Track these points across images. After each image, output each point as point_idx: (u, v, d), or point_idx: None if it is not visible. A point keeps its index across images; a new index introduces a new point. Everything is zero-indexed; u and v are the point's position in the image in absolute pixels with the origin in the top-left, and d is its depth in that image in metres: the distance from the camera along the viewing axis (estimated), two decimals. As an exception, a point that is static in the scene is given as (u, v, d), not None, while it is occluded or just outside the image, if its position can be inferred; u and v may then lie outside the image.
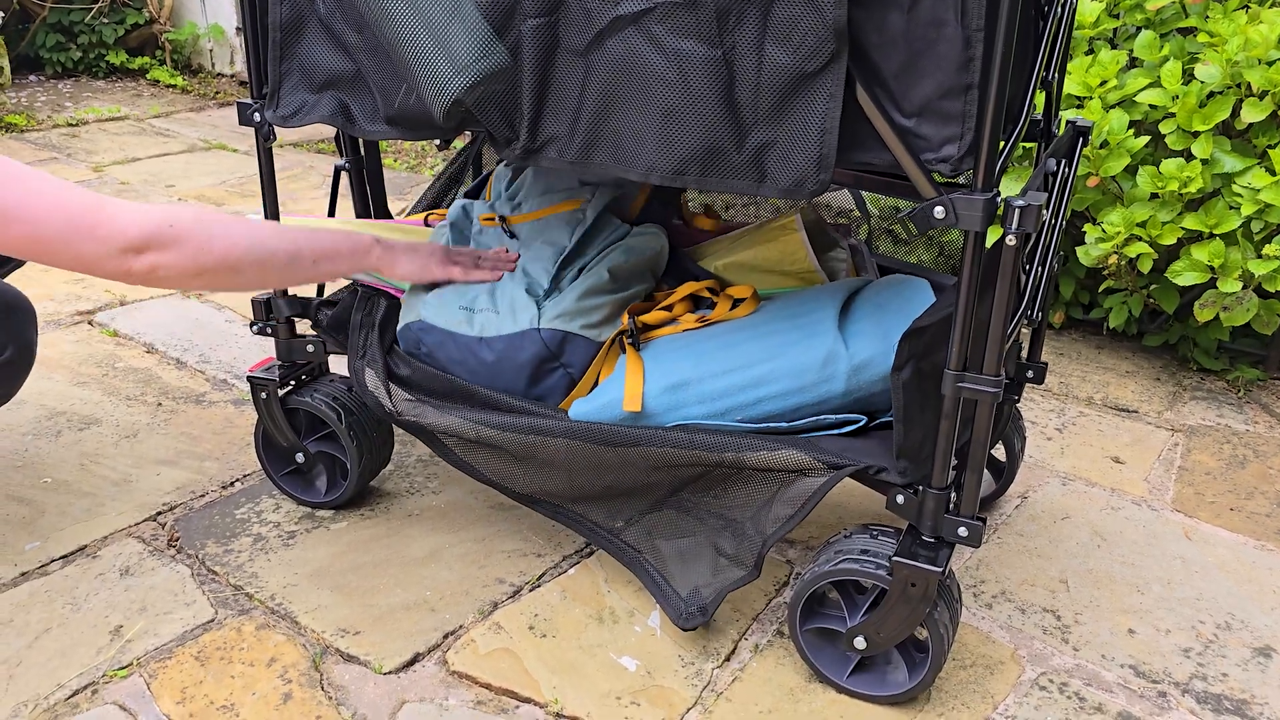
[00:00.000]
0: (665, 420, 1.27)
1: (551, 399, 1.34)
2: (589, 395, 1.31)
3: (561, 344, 1.32)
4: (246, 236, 1.20)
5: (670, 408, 1.27)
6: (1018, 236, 1.02)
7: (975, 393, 1.08)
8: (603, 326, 1.35)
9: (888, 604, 1.15)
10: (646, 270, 1.43)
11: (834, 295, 1.32)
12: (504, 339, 1.32)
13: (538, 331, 1.31)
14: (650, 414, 1.27)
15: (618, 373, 1.31)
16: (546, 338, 1.31)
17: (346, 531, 1.51)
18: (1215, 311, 1.91)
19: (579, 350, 1.33)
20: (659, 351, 1.32)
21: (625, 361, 1.31)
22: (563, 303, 1.34)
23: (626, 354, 1.31)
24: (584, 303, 1.34)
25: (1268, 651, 1.34)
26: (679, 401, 1.27)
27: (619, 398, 1.27)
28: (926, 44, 0.97)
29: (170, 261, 1.13)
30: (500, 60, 1.12)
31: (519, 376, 1.33)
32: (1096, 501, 1.66)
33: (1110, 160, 1.93)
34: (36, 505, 1.55)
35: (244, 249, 1.19)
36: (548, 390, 1.34)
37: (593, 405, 1.29)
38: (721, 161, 1.07)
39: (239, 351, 2.09)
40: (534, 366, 1.32)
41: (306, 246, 1.25)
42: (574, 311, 1.33)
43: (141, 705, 1.18)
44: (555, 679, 1.25)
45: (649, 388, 1.28)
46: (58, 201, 1.08)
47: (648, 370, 1.29)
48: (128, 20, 4.61)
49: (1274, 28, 1.81)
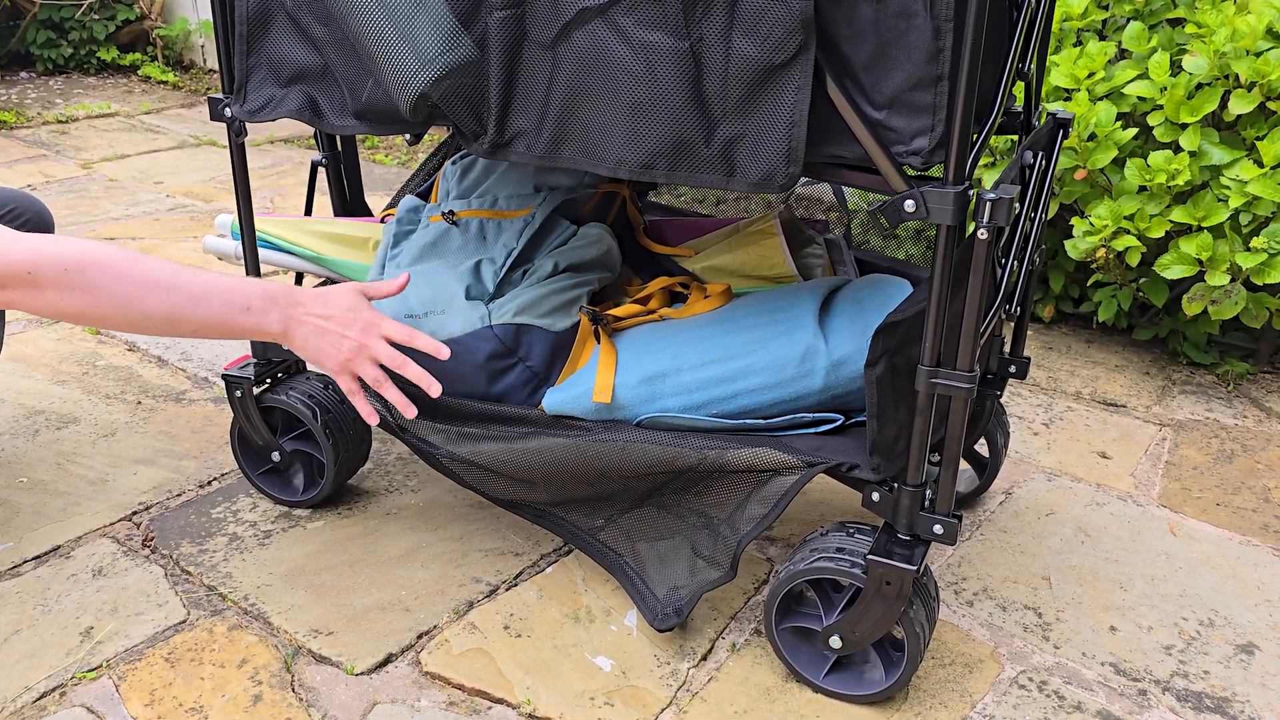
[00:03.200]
0: (641, 412, 1.26)
1: (514, 397, 1.33)
2: (562, 384, 1.30)
3: (516, 337, 1.30)
4: (115, 296, 1.08)
5: (646, 399, 1.26)
6: (989, 230, 1.00)
7: (949, 388, 1.06)
8: (556, 316, 1.33)
9: (863, 602, 1.14)
10: (596, 264, 1.42)
11: (814, 292, 1.31)
12: (457, 342, 1.31)
13: (490, 329, 1.29)
14: (625, 405, 1.26)
15: (591, 362, 1.30)
16: (500, 333, 1.29)
17: (323, 530, 1.50)
18: (1204, 305, 1.89)
19: (536, 342, 1.31)
20: (636, 342, 1.30)
21: (599, 351, 1.30)
22: (513, 299, 1.32)
23: (601, 344, 1.30)
24: (533, 293, 1.33)
25: (1250, 648, 1.33)
26: (655, 393, 1.25)
27: (592, 388, 1.26)
28: (896, 35, 0.96)
29: (19, 300, 1.07)
30: (466, 53, 1.10)
31: (477, 377, 1.31)
32: (1082, 497, 1.65)
33: (1098, 153, 1.91)
34: (11, 505, 1.54)
35: (108, 310, 1.09)
36: (509, 388, 1.32)
37: (566, 395, 1.28)
38: (690, 155, 1.05)
39: (220, 349, 2.08)
40: (491, 365, 1.30)
41: (189, 317, 1.12)
42: (525, 305, 1.32)
43: (110, 707, 1.17)
44: (529, 679, 1.23)
45: (625, 378, 1.26)
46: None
47: (624, 361, 1.28)
48: (119, 16, 4.59)
49: (1262, 19, 1.80)
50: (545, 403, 1.29)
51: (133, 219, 2.82)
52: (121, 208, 2.91)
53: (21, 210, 1.47)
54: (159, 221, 2.80)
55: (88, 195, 3.01)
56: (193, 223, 2.80)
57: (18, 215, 1.47)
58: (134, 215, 2.85)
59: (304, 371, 1.55)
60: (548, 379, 1.33)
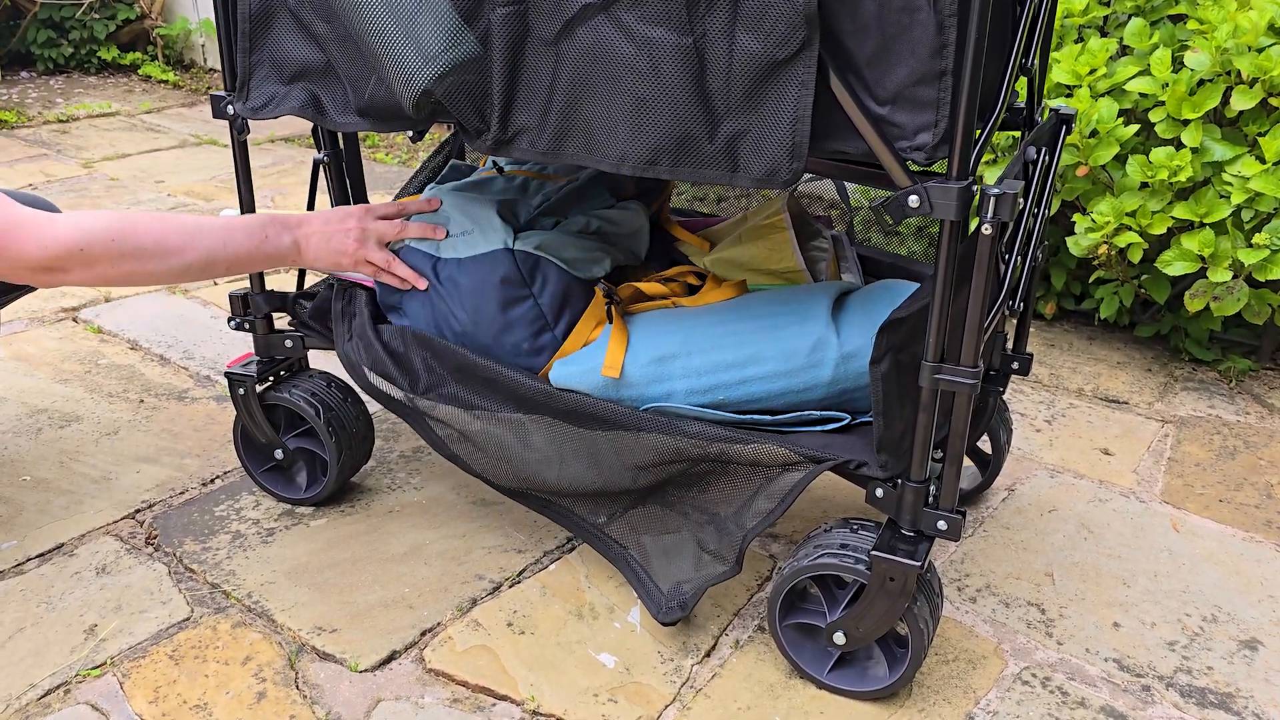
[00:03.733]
0: (648, 392, 1.26)
1: (519, 330, 1.31)
2: (571, 358, 1.30)
3: (533, 268, 1.31)
4: (158, 252, 1.18)
5: (654, 379, 1.26)
6: (994, 225, 1.00)
7: (953, 384, 1.06)
8: (575, 265, 1.34)
9: (867, 599, 1.14)
10: (626, 239, 1.43)
11: (826, 290, 1.31)
12: (478, 260, 1.32)
13: (510, 251, 1.31)
14: (633, 383, 1.26)
15: (601, 339, 1.30)
16: (519, 257, 1.31)
17: (326, 528, 1.50)
18: (1206, 301, 1.89)
19: (551, 279, 1.31)
20: (648, 323, 1.31)
21: (611, 329, 1.30)
22: (538, 235, 1.34)
23: (613, 321, 1.30)
24: (559, 237, 1.34)
25: (1254, 644, 1.33)
26: (664, 374, 1.26)
27: (601, 364, 1.26)
28: (899, 29, 0.95)
29: (76, 279, 1.15)
30: (470, 50, 1.10)
31: (490, 299, 1.31)
32: (1084, 494, 1.65)
33: (1100, 149, 1.91)
34: (15, 503, 1.54)
35: (152, 267, 1.18)
36: (515, 320, 1.31)
37: (575, 369, 1.28)
38: (694, 151, 1.05)
39: (223, 347, 2.08)
40: (504, 290, 1.31)
41: (222, 258, 1.24)
42: (548, 243, 1.33)
43: (114, 705, 1.17)
44: (533, 676, 1.23)
45: (635, 358, 1.26)
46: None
47: (634, 341, 1.28)
48: (119, 16, 4.59)
49: (1264, 14, 1.79)
50: (553, 375, 1.29)
51: (134, 218, 2.82)
52: (123, 207, 2.91)
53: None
54: (160, 220, 2.81)
55: (89, 194, 3.01)
56: (194, 222, 2.80)
57: None
58: (135, 214, 2.85)
59: (307, 369, 1.55)
60: (554, 325, 1.32)
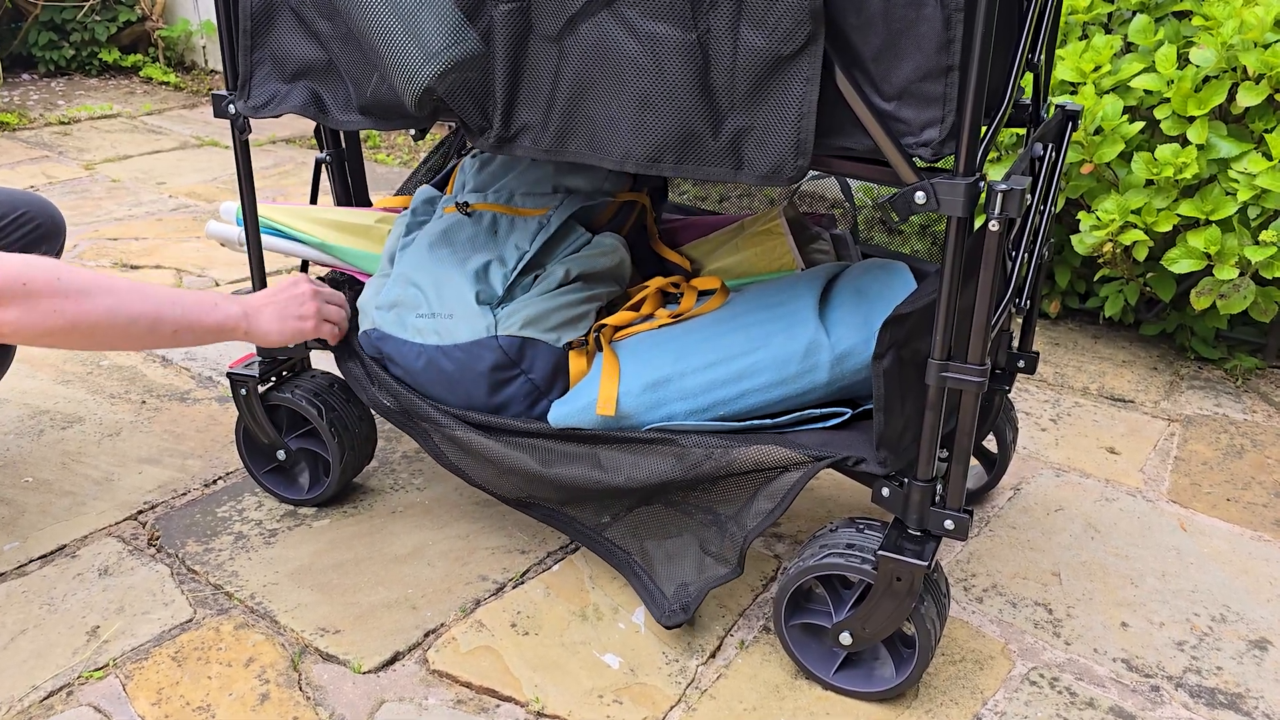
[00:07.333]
0: (647, 419, 1.25)
1: (514, 407, 1.32)
2: (566, 397, 1.29)
3: (521, 350, 1.29)
4: (106, 302, 1.13)
5: (652, 406, 1.24)
6: (1001, 222, 0.99)
7: (960, 383, 1.05)
8: (563, 330, 1.32)
9: (873, 599, 1.13)
10: (608, 275, 1.40)
11: (811, 283, 1.30)
12: (462, 348, 1.30)
13: (495, 339, 1.28)
14: (630, 414, 1.25)
15: (594, 372, 1.29)
16: (505, 344, 1.28)
17: (329, 529, 1.49)
18: (1212, 299, 1.88)
19: (540, 356, 1.30)
20: (637, 349, 1.29)
21: (602, 361, 1.28)
22: (520, 309, 1.31)
23: (604, 353, 1.29)
24: (542, 307, 1.31)
25: (1263, 644, 1.32)
26: (661, 399, 1.24)
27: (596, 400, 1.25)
28: (905, 25, 0.95)
29: (14, 319, 1.07)
30: (472, 47, 1.10)
31: (478, 386, 1.30)
32: (1091, 493, 1.64)
33: (1105, 146, 1.90)
34: (17, 505, 1.53)
35: (100, 314, 1.12)
36: (509, 399, 1.31)
37: (571, 408, 1.27)
38: (698, 147, 1.04)
39: (224, 348, 2.07)
40: (493, 376, 1.30)
41: (169, 316, 1.19)
42: (533, 318, 1.30)
43: (116, 706, 1.17)
44: (537, 677, 1.23)
45: (629, 386, 1.25)
46: None
47: (626, 369, 1.27)
48: (120, 18, 4.59)
49: (1270, 10, 1.78)
50: (551, 416, 1.28)
51: (135, 219, 2.81)
52: (124, 208, 2.91)
53: (35, 214, 1.46)
54: (161, 222, 2.80)
55: (90, 196, 3.01)
56: (195, 223, 2.79)
57: (31, 219, 1.45)
58: (137, 215, 2.85)
59: (309, 370, 1.54)
60: (549, 393, 1.32)
